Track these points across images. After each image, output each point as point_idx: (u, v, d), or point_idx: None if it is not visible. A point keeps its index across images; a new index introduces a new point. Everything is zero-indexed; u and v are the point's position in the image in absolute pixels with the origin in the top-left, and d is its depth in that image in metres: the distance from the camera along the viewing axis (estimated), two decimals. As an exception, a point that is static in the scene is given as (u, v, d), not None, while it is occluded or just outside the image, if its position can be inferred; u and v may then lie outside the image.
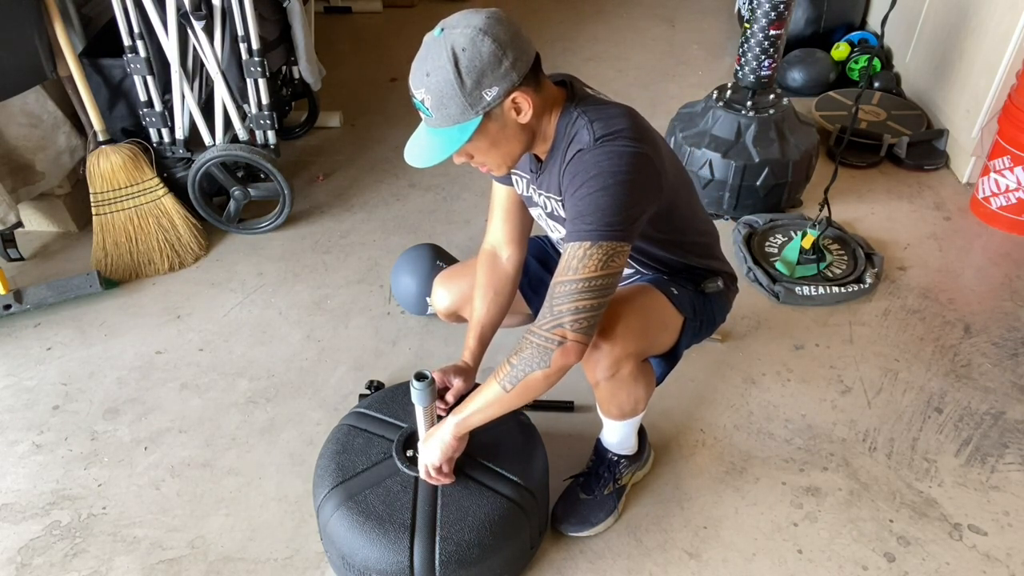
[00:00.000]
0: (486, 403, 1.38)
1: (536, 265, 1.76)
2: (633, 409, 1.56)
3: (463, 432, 1.44)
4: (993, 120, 2.62)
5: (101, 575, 1.62)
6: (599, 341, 1.40)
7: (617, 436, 1.66)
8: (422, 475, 1.49)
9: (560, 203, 1.40)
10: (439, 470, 1.47)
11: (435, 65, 1.21)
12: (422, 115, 1.30)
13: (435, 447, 1.45)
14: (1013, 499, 1.76)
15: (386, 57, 3.81)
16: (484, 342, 1.63)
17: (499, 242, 1.63)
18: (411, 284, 2.17)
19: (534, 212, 1.55)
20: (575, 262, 1.26)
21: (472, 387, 1.60)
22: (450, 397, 1.57)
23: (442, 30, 1.22)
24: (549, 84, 1.33)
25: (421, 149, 1.31)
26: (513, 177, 1.53)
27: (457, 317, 1.83)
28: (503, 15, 1.24)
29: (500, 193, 1.60)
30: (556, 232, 1.53)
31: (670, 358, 1.59)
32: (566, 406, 1.96)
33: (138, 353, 2.16)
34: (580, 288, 1.26)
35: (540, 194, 1.46)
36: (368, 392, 2.00)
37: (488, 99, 1.23)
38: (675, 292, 1.53)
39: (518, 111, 1.27)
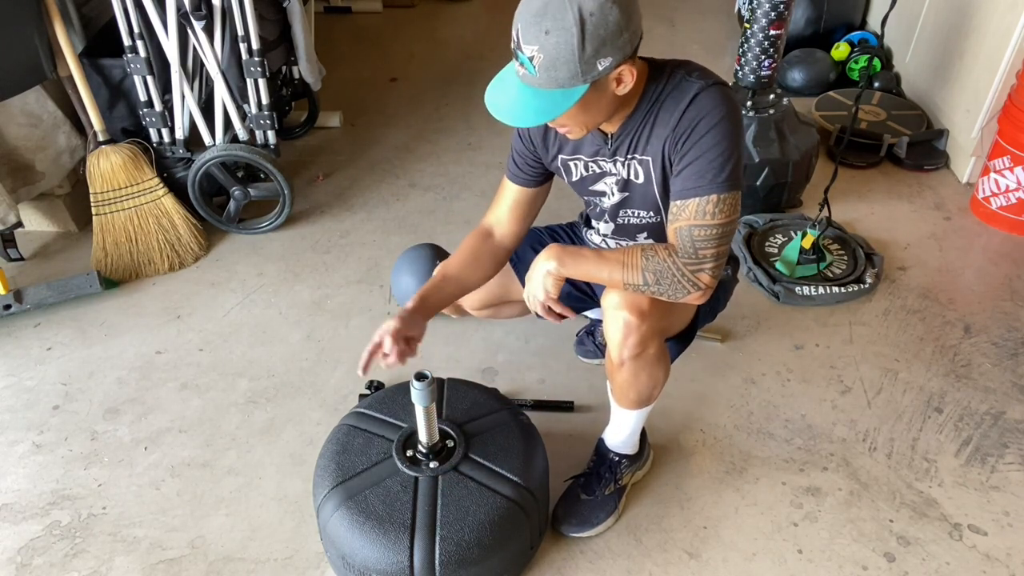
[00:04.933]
0: (596, 271, 1.38)
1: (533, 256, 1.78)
2: (650, 395, 1.56)
3: (564, 271, 1.40)
4: (993, 120, 2.62)
5: (101, 575, 1.62)
6: (630, 317, 1.40)
7: (623, 432, 1.66)
8: (540, 312, 1.44)
9: (646, 163, 1.42)
10: (552, 301, 1.43)
11: (557, 24, 1.16)
12: (523, 71, 1.24)
13: (538, 280, 1.42)
14: (1013, 499, 1.76)
15: (386, 57, 3.81)
16: (440, 296, 1.55)
17: (499, 223, 1.62)
18: (411, 284, 2.16)
19: (599, 186, 1.54)
20: (711, 207, 1.31)
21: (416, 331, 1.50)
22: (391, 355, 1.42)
23: None
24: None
25: (516, 106, 1.26)
26: (568, 165, 1.54)
27: (459, 309, 1.84)
28: None
29: (512, 189, 1.61)
30: (613, 197, 1.54)
31: (684, 340, 1.61)
32: (566, 406, 1.96)
33: (138, 353, 2.16)
34: (719, 234, 1.33)
35: (615, 161, 1.46)
36: (368, 392, 2.00)
37: (600, 69, 1.22)
38: None
39: (619, 82, 1.27)
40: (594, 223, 1.67)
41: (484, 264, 1.61)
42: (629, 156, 1.44)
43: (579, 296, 1.83)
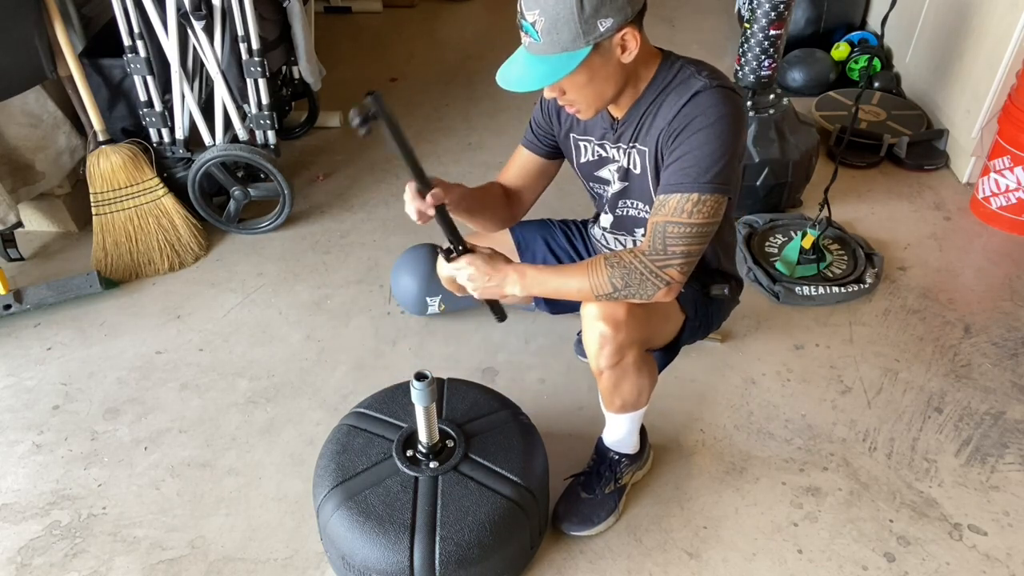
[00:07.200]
0: (564, 287, 1.40)
1: (544, 249, 1.79)
2: (636, 401, 1.56)
3: (529, 292, 1.43)
4: (993, 120, 2.62)
5: (101, 575, 1.62)
6: (605, 328, 1.41)
7: (619, 433, 1.66)
8: (478, 297, 1.47)
9: (643, 153, 1.43)
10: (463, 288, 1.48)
11: None
12: (528, 39, 1.27)
13: (489, 281, 1.43)
14: (1013, 499, 1.76)
15: (386, 57, 3.81)
16: (463, 195, 1.54)
17: (507, 182, 1.67)
18: (411, 284, 2.16)
19: (603, 172, 1.55)
20: (690, 206, 1.32)
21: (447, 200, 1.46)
22: (429, 198, 1.38)
23: None
24: (646, 36, 1.35)
25: (520, 74, 1.29)
26: (579, 144, 1.55)
27: (460, 287, 1.84)
28: None
29: (523, 154, 1.64)
30: (614, 185, 1.55)
31: (669, 352, 1.61)
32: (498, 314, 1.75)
33: (138, 353, 2.16)
34: (693, 233, 1.33)
35: (618, 148, 1.48)
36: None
37: (602, 29, 1.24)
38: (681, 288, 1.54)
39: (624, 48, 1.29)
40: (599, 216, 1.68)
41: (497, 203, 1.66)
42: (630, 144, 1.45)
43: None
